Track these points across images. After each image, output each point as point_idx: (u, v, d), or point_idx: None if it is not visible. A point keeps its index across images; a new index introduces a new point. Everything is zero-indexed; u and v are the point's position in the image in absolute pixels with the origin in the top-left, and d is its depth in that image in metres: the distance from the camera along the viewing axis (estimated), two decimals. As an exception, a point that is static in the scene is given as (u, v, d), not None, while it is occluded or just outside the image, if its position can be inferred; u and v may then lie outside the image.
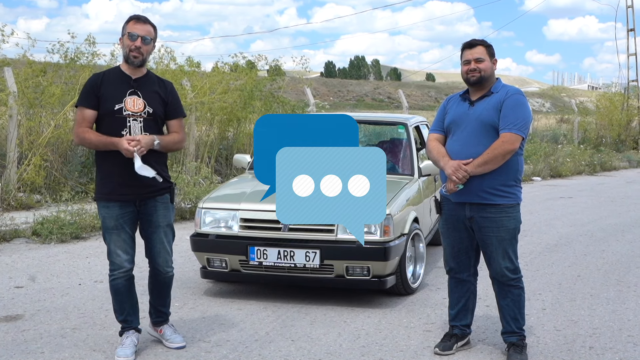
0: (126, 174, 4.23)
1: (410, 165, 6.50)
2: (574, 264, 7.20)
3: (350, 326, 5.06)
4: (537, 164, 16.77)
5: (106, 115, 4.27)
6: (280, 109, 12.95)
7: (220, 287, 6.08)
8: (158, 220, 4.42)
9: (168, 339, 4.59)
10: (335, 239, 5.40)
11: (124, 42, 4.32)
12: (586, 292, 6.09)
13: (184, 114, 4.59)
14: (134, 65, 4.32)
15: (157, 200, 4.41)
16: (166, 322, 4.67)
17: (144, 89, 4.36)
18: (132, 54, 4.28)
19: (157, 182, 4.31)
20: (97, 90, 4.28)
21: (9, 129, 9.91)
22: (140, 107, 4.31)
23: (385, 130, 7.32)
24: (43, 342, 4.63)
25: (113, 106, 4.26)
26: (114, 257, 4.36)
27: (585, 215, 10.60)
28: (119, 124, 4.26)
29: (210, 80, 12.45)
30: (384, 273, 5.44)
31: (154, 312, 4.66)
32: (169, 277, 4.58)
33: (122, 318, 4.48)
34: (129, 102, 4.29)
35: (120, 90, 4.30)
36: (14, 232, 8.02)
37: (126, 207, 4.33)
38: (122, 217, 4.32)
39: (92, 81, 4.32)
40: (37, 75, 10.82)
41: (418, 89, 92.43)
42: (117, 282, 4.39)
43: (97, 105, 4.28)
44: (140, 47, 4.28)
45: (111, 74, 4.37)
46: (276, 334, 4.87)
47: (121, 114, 4.26)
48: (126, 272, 4.38)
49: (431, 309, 5.49)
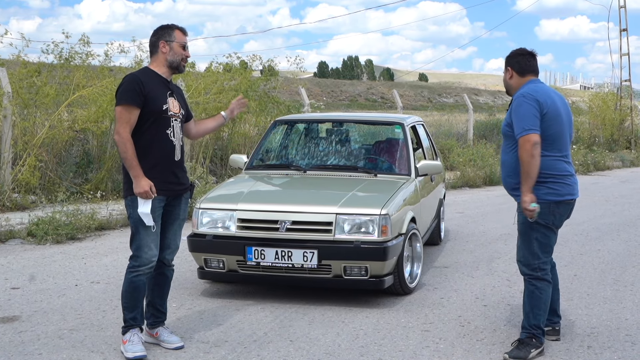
0: (168, 172, 4.44)
1: (407, 165, 6.50)
2: (570, 263, 7.22)
3: (349, 326, 5.05)
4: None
5: (153, 114, 4.37)
6: (275, 110, 12.93)
7: (217, 287, 6.07)
8: (179, 213, 4.60)
9: (165, 341, 4.58)
10: (333, 239, 5.39)
11: (173, 49, 4.46)
12: (583, 291, 6.10)
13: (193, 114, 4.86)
14: (182, 72, 4.61)
15: (182, 197, 4.61)
16: (163, 323, 4.67)
17: (176, 92, 4.58)
18: (183, 63, 4.51)
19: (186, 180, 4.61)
20: (143, 89, 4.34)
21: (4, 129, 9.85)
22: (177, 108, 4.52)
23: (382, 130, 7.32)
24: (40, 344, 4.61)
25: (161, 106, 4.40)
26: (144, 251, 4.37)
27: (580, 215, 10.59)
28: (165, 123, 4.42)
29: (204, 80, 12.41)
30: (382, 273, 5.44)
31: (152, 313, 4.64)
32: (171, 271, 4.68)
33: (132, 316, 4.44)
34: (170, 103, 4.46)
35: (163, 92, 4.45)
36: (9, 233, 7.98)
37: (161, 202, 4.44)
38: (158, 210, 4.42)
39: (135, 80, 4.36)
40: (31, 76, 10.79)
41: (411, 89, 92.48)
42: (141, 278, 4.41)
43: (142, 104, 4.34)
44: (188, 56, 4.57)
45: (149, 75, 4.46)
46: (274, 334, 4.87)
47: (167, 114, 4.43)
48: (152, 267, 4.43)
49: (429, 309, 5.49)
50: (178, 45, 4.46)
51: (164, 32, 4.49)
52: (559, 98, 4.59)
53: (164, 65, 4.48)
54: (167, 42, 4.46)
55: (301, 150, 7.05)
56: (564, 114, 4.55)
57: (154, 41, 4.51)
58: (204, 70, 13.72)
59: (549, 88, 4.66)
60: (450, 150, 16.14)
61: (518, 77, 4.64)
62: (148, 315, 4.64)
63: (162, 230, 4.52)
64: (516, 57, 4.67)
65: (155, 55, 4.51)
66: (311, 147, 7.00)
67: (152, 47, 4.52)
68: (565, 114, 4.56)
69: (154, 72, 4.48)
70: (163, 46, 4.46)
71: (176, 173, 4.48)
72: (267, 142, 7.13)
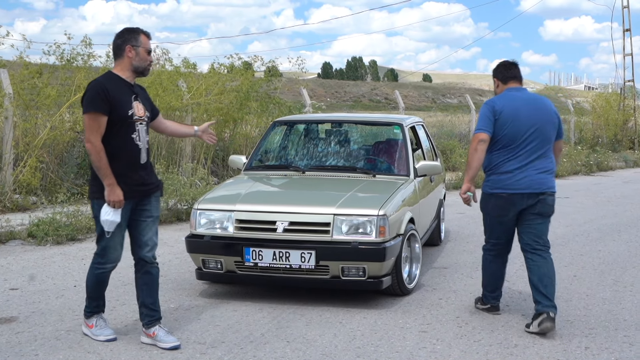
0: (134, 175, 4.49)
1: (406, 165, 6.48)
2: (570, 264, 7.20)
3: (346, 327, 5.05)
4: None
5: (119, 120, 4.40)
6: (276, 110, 12.93)
7: (215, 288, 6.07)
8: (152, 211, 4.66)
9: (161, 340, 4.59)
10: (330, 239, 5.38)
11: (140, 54, 4.46)
12: (582, 292, 6.09)
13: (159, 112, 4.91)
14: (145, 76, 4.61)
15: (152, 196, 4.67)
16: (159, 321, 4.68)
17: (140, 95, 4.60)
18: (148, 67, 4.55)
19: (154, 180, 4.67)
20: (108, 95, 4.35)
21: (5, 130, 9.87)
22: (142, 112, 4.55)
23: (381, 130, 7.31)
24: (37, 344, 4.61)
25: (126, 111, 4.43)
26: (111, 252, 4.55)
27: (581, 215, 10.60)
28: (130, 128, 4.46)
29: (206, 81, 12.42)
30: (380, 274, 5.44)
31: (146, 313, 4.67)
32: (155, 269, 4.71)
33: (96, 304, 4.75)
34: (135, 107, 4.49)
35: (127, 96, 4.46)
36: (9, 233, 7.99)
37: (127, 204, 4.49)
38: (124, 214, 4.49)
39: (100, 86, 4.38)
40: (33, 77, 10.79)
41: (415, 89, 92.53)
42: (105, 274, 4.66)
43: (109, 111, 4.36)
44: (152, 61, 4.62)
45: (113, 80, 4.46)
46: (271, 335, 4.86)
47: (132, 118, 4.46)
48: (116, 264, 4.65)
49: (427, 310, 5.48)
50: (144, 50, 4.47)
51: (130, 36, 4.47)
52: (528, 103, 5.05)
53: (129, 69, 4.48)
54: (134, 46, 4.45)
55: (300, 151, 7.04)
56: (528, 117, 4.98)
57: (119, 44, 4.46)
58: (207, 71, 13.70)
59: (522, 95, 5.12)
60: (452, 151, 16.10)
61: (502, 85, 5.22)
62: (142, 316, 4.68)
63: (137, 230, 4.63)
64: (499, 68, 5.25)
65: (120, 59, 4.48)
66: (310, 147, 7.00)
67: (117, 50, 4.47)
68: (529, 117, 4.98)
69: (117, 77, 4.47)
70: (129, 50, 4.44)
71: (142, 175, 4.54)
72: (267, 143, 7.13)
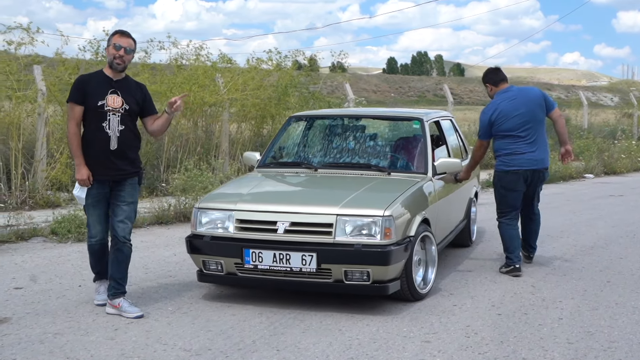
0: (104, 159, 5.10)
1: (424, 163, 6.11)
2: (607, 268, 6.72)
3: (345, 335, 4.74)
4: (589, 161, 16.03)
5: (90, 109, 5.09)
6: (316, 105, 12.65)
7: (221, 290, 5.83)
8: (125, 196, 5.21)
9: (126, 311, 5.11)
10: (333, 241, 5.09)
11: (109, 51, 5.16)
12: (612, 300, 5.63)
13: (156, 112, 5.45)
14: (117, 70, 5.16)
15: (127, 182, 5.23)
16: (123, 295, 5.21)
17: (123, 90, 5.19)
18: (116, 61, 5.12)
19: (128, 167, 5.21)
20: (84, 88, 5.11)
21: (38, 127, 9.89)
22: (119, 104, 5.14)
23: (400, 126, 6.95)
24: (20, 348, 4.46)
25: (96, 102, 5.10)
26: (91, 228, 5.26)
27: (631, 215, 10.01)
28: (100, 117, 5.10)
29: (243, 76, 12.25)
30: (385, 278, 5.11)
31: (113, 285, 5.20)
32: (127, 247, 5.24)
33: (97, 270, 5.43)
34: (109, 99, 5.12)
35: (103, 89, 5.12)
36: (32, 230, 7.96)
37: (102, 187, 5.15)
38: (98, 195, 5.17)
39: (80, 80, 5.21)
40: (70, 73, 10.79)
41: (481, 84, 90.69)
42: (94, 246, 5.32)
43: (84, 101, 5.09)
44: (123, 56, 5.13)
45: (96, 76, 5.24)
46: (263, 342, 4.59)
47: (102, 109, 5.09)
48: (101, 240, 5.29)
49: (436, 317, 5.13)
50: (112, 47, 5.12)
51: (109, 38, 5.21)
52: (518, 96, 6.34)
53: (108, 66, 5.18)
54: (107, 47, 5.21)
55: (314, 147, 6.73)
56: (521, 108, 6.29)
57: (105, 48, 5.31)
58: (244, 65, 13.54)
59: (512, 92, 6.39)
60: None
61: (494, 88, 6.49)
62: (110, 287, 5.22)
63: (113, 212, 5.22)
64: (489, 75, 6.58)
65: None
66: (325, 144, 6.69)
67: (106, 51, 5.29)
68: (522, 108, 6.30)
69: (101, 73, 5.20)
70: (107, 50, 5.22)
71: (113, 161, 5.10)
72: (281, 139, 6.85)
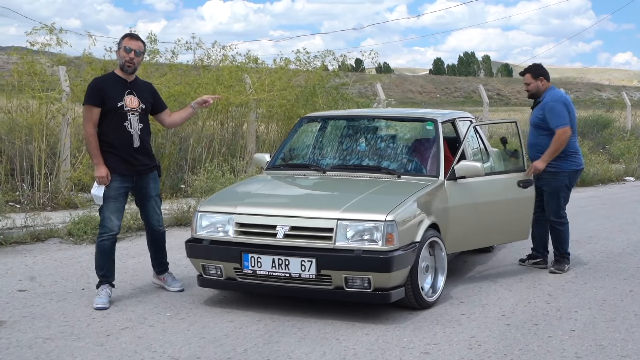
0: (130, 157, 5.34)
1: (436, 166, 5.85)
2: (632, 276, 6.40)
3: (341, 344, 4.55)
4: (630, 163, 15.51)
5: (110, 110, 5.29)
6: (345, 106, 12.45)
7: (223, 295, 5.68)
8: (150, 191, 5.58)
9: (170, 285, 5.72)
10: (333, 247, 4.90)
11: (120, 54, 5.37)
12: (631, 310, 5.33)
13: (166, 106, 5.76)
14: (128, 72, 5.38)
15: (149, 176, 5.53)
16: (167, 271, 5.79)
17: (137, 90, 5.45)
18: (127, 64, 5.35)
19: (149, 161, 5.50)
20: (101, 91, 5.28)
21: (62, 127, 9.89)
22: (136, 104, 5.40)
23: (412, 127, 6.70)
24: (6, 353, 4.37)
25: (116, 104, 5.31)
26: (107, 221, 5.36)
27: (667, 220, 9.58)
28: (121, 117, 5.32)
29: (270, 76, 12.12)
30: (387, 285, 4.90)
31: (156, 264, 5.77)
32: (161, 233, 5.71)
33: (102, 273, 5.44)
34: (127, 100, 5.35)
35: (120, 91, 5.34)
36: (49, 231, 7.92)
37: (125, 181, 5.39)
38: (120, 189, 5.38)
39: (96, 83, 5.39)
40: (96, 74, 10.79)
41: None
42: (105, 243, 5.39)
43: (101, 103, 5.27)
44: (133, 59, 5.35)
45: (110, 78, 5.43)
46: (254, 351, 4.43)
47: (123, 109, 5.33)
48: (114, 235, 5.41)
49: (441, 327, 4.90)
50: (123, 50, 5.33)
51: (119, 42, 5.41)
52: None
53: (120, 69, 5.40)
54: (118, 50, 5.42)
55: (323, 149, 6.53)
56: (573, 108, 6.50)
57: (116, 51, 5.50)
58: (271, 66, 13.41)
59: None
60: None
61: (547, 82, 6.55)
62: (155, 264, 5.79)
63: (142, 207, 5.64)
64: (542, 69, 6.57)
65: None
66: (334, 145, 6.49)
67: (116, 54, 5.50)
68: None
69: (115, 75, 5.42)
70: (117, 53, 5.43)
71: (136, 157, 5.37)
72: (292, 140, 6.68)
